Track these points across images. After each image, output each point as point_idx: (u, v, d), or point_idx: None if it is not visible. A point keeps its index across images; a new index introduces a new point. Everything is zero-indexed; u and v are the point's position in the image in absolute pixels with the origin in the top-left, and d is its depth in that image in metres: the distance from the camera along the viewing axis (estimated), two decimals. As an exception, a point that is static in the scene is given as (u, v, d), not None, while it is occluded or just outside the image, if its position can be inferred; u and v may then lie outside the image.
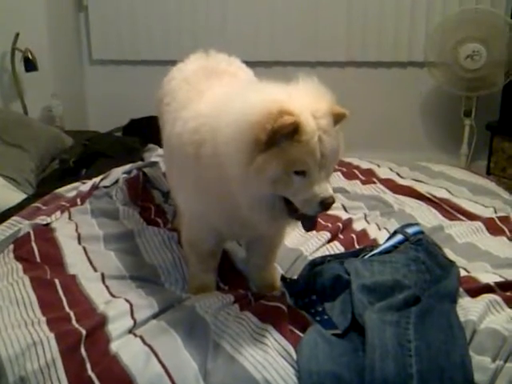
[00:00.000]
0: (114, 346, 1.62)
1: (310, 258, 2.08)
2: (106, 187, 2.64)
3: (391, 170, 2.97)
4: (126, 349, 1.61)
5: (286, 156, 1.51)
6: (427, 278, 1.81)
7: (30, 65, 3.72)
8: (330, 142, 1.57)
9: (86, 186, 2.64)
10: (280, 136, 1.50)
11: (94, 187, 2.63)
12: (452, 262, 1.92)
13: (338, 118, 1.65)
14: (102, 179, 2.69)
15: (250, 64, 2.29)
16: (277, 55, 4.48)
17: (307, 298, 1.82)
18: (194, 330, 1.67)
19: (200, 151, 1.68)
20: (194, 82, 1.98)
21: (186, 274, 2.05)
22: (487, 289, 1.82)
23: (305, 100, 1.58)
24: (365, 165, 3.04)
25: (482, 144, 4.47)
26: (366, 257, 1.95)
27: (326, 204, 1.57)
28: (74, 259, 2.09)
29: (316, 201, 1.56)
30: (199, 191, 1.78)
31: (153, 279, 2.01)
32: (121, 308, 1.77)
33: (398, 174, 2.90)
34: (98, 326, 1.69)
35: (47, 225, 2.32)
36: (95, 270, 2.03)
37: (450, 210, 2.49)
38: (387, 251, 1.97)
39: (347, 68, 4.61)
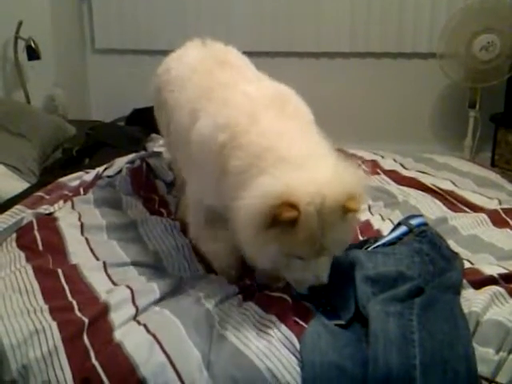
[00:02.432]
0: (117, 335, 1.62)
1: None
2: (109, 177, 2.63)
3: (395, 161, 2.96)
4: (130, 337, 1.62)
5: (285, 241, 1.57)
6: (431, 269, 1.81)
7: (33, 53, 3.72)
8: (333, 235, 1.59)
9: (89, 176, 2.64)
10: (282, 223, 1.54)
11: (97, 177, 2.63)
12: (456, 254, 1.91)
13: (349, 211, 1.60)
14: (105, 169, 2.69)
15: (252, 54, 2.28)
16: (280, 45, 4.47)
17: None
18: (197, 319, 1.68)
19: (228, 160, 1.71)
20: (205, 71, 2.00)
21: (188, 258, 2.05)
22: (491, 281, 1.81)
23: (319, 188, 1.55)
24: (369, 156, 3.03)
25: (487, 136, 4.45)
26: (370, 248, 1.94)
27: (313, 290, 1.65)
28: (77, 248, 2.09)
29: (304, 285, 1.65)
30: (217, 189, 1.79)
31: (155, 265, 2.01)
32: (122, 295, 1.77)
33: (402, 166, 2.89)
34: (100, 314, 1.69)
35: (50, 214, 2.32)
36: (97, 259, 2.03)
37: (454, 202, 2.49)
38: (391, 243, 1.96)
39: (351, 59, 4.60)
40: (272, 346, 1.57)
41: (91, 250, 2.08)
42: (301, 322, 1.65)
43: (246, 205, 1.55)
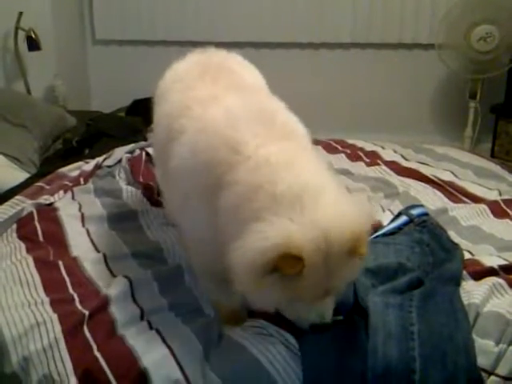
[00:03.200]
0: (118, 327, 1.62)
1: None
2: (109, 167, 2.63)
3: (395, 151, 2.95)
4: (132, 330, 1.61)
5: (288, 288, 1.40)
6: (431, 260, 1.81)
7: (33, 44, 3.71)
8: (339, 278, 1.43)
9: (89, 166, 2.64)
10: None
11: (97, 167, 2.63)
12: (456, 245, 1.90)
13: (356, 255, 1.42)
14: (104, 159, 2.69)
15: (253, 45, 2.26)
16: (281, 36, 4.44)
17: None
18: (199, 318, 1.68)
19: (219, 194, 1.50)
20: (188, 83, 1.81)
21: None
22: (491, 272, 1.80)
23: (323, 234, 1.35)
24: (369, 147, 3.02)
25: (487, 127, 4.44)
26: (370, 238, 1.93)
27: (315, 328, 1.51)
28: (77, 240, 2.08)
29: (307, 323, 1.51)
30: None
31: (156, 255, 1.99)
32: (122, 288, 1.76)
33: (403, 156, 2.88)
34: (101, 307, 1.69)
35: (50, 204, 2.31)
36: (98, 250, 2.02)
37: (454, 193, 2.47)
38: (391, 233, 1.95)
39: (352, 49, 4.58)
40: (274, 344, 1.56)
41: (91, 242, 2.07)
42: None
43: (243, 254, 1.36)
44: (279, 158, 1.47)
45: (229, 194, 1.45)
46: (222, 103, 1.63)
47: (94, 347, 1.57)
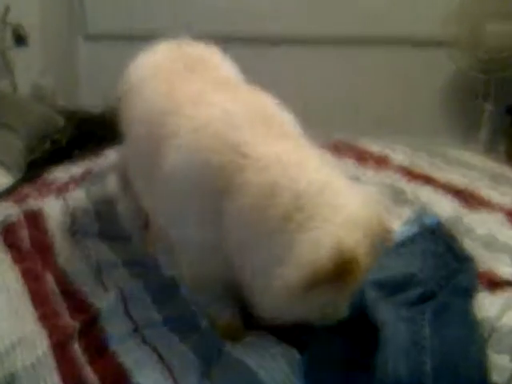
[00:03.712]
0: (109, 342, 1.63)
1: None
2: (99, 170, 2.63)
3: (406, 155, 2.94)
4: (124, 345, 1.62)
5: (335, 291, 1.41)
6: (444, 271, 1.79)
7: (21, 40, 3.71)
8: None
9: (78, 169, 2.65)
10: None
11: (88, 170, 2.63)
12: (470, 255, 1.89)
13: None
14: (95, 161, 2.70)
15: (253, 40, 2.26)
16: (285, 30, 4.46)
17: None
18: (196, 332, 1.69)
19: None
20: (168, 76, 1.79)
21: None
22: (507, 283, 1.81)
23: (362, 229, 1.39)
24: (378, 150, 3.01)
25: (502, 128, 4.44)
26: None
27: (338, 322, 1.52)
28: (66, 250, 2.09)
29: (337, 317, 1.51)
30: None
31: (148, 264, 2.00)
32: (114, 300, 1.78)
33: (414, 160, 2.88)
34: (91, 320, 1.70)
35: (39, 209, 2.31)
36: (88, 261, 2.03)
37: (468, 199, 2.47)
38: (403, 242, 1.94)
39: (362, 46, 4.58)
40: (274, 358, 1.56)
41: (81, 251, 2.08)
42: (300, 336, 1.64)
43: (293, 269, 1.33)
44: (290, 157, 1.48)
45: (242, 196, 1.45)
46: (214, 100, 1.63)
47: (85, 363, 1.58)
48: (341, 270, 1.32)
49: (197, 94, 1.67)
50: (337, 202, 1.40)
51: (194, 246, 1.63)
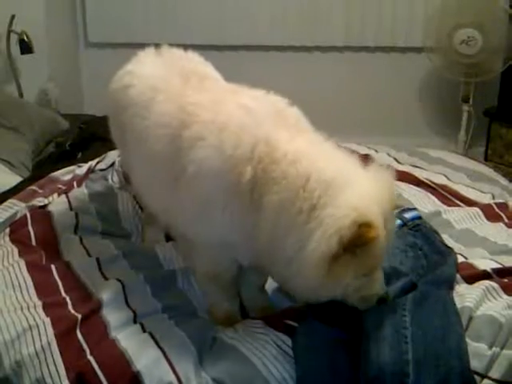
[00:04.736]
0: (111, 331, 1.63)
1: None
2: (101, 170, 2.61)
3: (389, 155, 2.95)
4: (124, 333, 1.62)
5: (360, 262, 1.47)
6: (424, 264, 1.79)
7: (26, 47, 3.69)
8: (390, 242, 1.57)
9: (81, 170, 2.63)
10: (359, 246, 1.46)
11: (90, 170, 2.61)
12: (449, 249, 1.91)
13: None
14: (97, 162, 2.67)
15: (247, 48, 2.26)
16: (274, 39, 4.44)
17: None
18: (192, 321, 1.70)
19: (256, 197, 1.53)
20: (173, 89, 1.77)
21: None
22: (484, 275, 1.82)
23: (379, 203, 1.50)
24: (362, 150, 3.01)
25: (480, 130, 4.45)
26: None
27: (379, 300, 1.57)
28: (70, 246, 2.08)
29: (373, 299, 1.55)
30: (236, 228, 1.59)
31: (149, 258, 1.99)
32: (115, 291, 1.78)
33: (396, 160, 2.88)
34: (93, 310, 1.70)
35: (44, 207, 2.29)
36: (90, 255, 2.02)
37: (447, 196, 2.49)
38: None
39: (345, 53, 4.58)
40: (266, 344, 1.57)
41: (84, 247, 2.07)
42: (291, 323, 1.65)
43: (319, 240, 1.42)
44: (314, 150, 1.55)
45: (278, 188, 1.49)
46: (228, 105, 1.64)
47: (87, 351, 1.58)
48: (361, 233, 1.40)
49: (209, 102, 1.67)
50: (354, 184, 1.49)
51: (214, 242, 1.65)
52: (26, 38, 3.67)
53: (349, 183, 1.49)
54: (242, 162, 1.52)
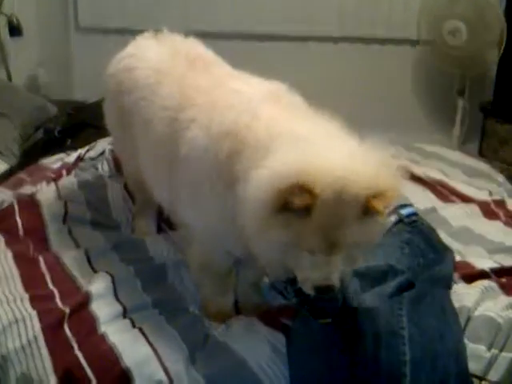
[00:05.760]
0: (99, 325, 1.59)
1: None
2: (91, 159, 2.58)
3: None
4: (113, 328, 1.59)
5: (295, 229, 1.34)
6: (421, 262, 1.77)
7: (15, 30, 3.63)
8: (348, 232, 1.35)
9: (71, 157, 2.59)
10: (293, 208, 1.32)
11: (80, 158, 2.58)
12: (447, 246, 1.88)
13: (370, 209, 1.34)
14: (87, 150, 2.64)
15: (241, 37, 2.21)
16: (267, 29, 4.39)
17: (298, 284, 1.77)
18: (184, 316, 1.66)
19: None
20: (177, 73, 1.76)
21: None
22: (482, 275, 1.80)
23: (341, 173, 1.31)
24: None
25: (475, 125, 4.43)
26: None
27: (319, 291, 1.40)
28: (58, 236, 2.04)
29: (309, 284, 1.40)
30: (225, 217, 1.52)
31: (139, 250, 1.96)
32: (104, 284, 1.74)
33: (392, 153, 2.84)
34: (82, 304, 1.66)
35: (32, 195, 2.25)
36: (79, 246, 1.99)
37: (444, 192, 2.46)
38: (381, 233, 1.93)
39: (339, 44, 4.54)
40: (260, 343, 1.54)
41: (73, 238, 2.04)
42: (286, 321, 1.62)
43: (255, 186, 1.34)
44: (298, 117, 1.52)
45: (248, 151, 1.44)
46: (224, 88, 1.63)
47: (75, 346, 1.55)
48: (295, 198, 1.28)
49: (207, 86, 1.67)
50: (335, 148, 1.39)
51: (208, 228, 1.61)
52: (15, 21, 3.62)
53: (325, 144, 1.39)
54: (223, 137, 1.49)
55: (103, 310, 1.65)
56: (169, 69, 1.80)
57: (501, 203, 2.35)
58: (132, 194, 2.26)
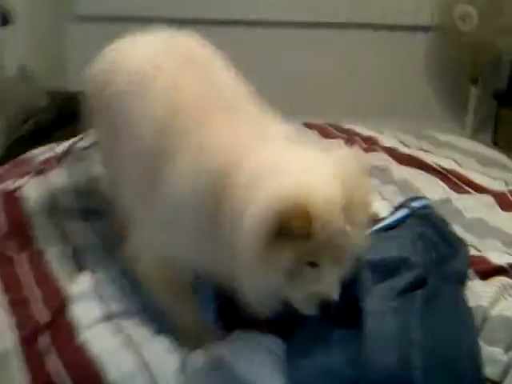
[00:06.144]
0: (82, 333, 1.49)
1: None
2: (82, 149, 2.47)
3: (395, 138, 2.81)
4: (98, 335, 1.49)
5: (299, 245, 1.31)
6: (434, 256, 1.68)
7: (6, 18, 3.55)
8: (354, 237, 1.36)
9: (61, 148, 2.51)
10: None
11: (70, 149, 2.49)
12: (461, 240, 1.78)
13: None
14: (78, 140, 2.55)
15: (247, 24, 2.11)
16: (273, 14, 4.31)
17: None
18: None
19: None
20: (171, 75, 1.63)
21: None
22: (499, 270, 1.67)
23: (333, 189, 1.33)
24: (367, 132, 2.88)
25: (489, 113, 4.34)
26: (371, 231, 1.80)
27: (324, 307, 1.37)
28: (44, 231, 1.96)
29: (314, 301, 1.37)
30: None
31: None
32: (88, 284, 1.66)
33: (403, 142, 2.75)
34: (63, 307, 1.57)
35: (18, 188, 2.17)
36: (65, 243, 1.90)
37: (457, 182, 2.35)
38: (392, 226, 1.84)
39: (349, 30, 4.45)
40: (255, 350, 1.44)
41: (60, 233, 1.95)
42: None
43: (250, 215, 1.30)
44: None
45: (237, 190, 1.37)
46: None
47: (54, 356, 1.44)
48: (292, 216, 1.27)
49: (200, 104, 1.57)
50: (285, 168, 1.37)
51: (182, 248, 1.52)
52: (6, 9, 3.54)
53: (309, 166, 1.38)
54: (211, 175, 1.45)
55: (86, 313, 1.55)
56: (162, 66, 1.66)
57: (517, 194, 2.23)
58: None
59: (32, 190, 2.16)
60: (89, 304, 1.58)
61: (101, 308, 1.57)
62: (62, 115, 2.95)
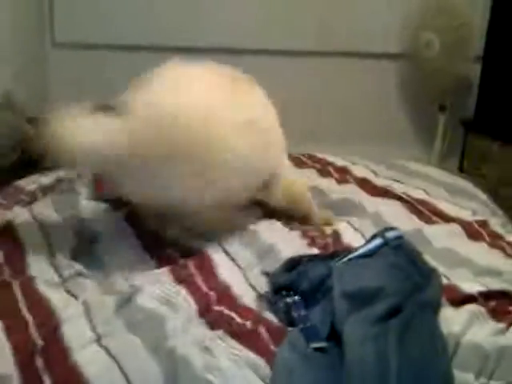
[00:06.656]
0: (73, 356, 1.53)
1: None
2: (69, 180, 2.53)
3: (367, 167, 2.90)
4: (85, 357, 1.53)
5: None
6: (407, 285, 1.74)
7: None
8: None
9: (47, 178, 2.55)
10: None
11: (57, 179, 2.54)
12: (433, 269, 1.85)
13: None
14: (65, 171, 2.58)
15: (216, 51, 2.19)
16: (243, 42, 4.37)
17: (290, 298, 1.75)
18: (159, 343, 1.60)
19: None
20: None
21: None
22: (470, 299, 1.76)
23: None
24: (339, 161, 2.96)
25: (456, 140, 4.44)
26: (344, 260, 1.88)
27: None
28: (35, 260, 2.00)
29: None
30: None
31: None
32: (77, 309, 1.71)
33: (374, 172, 2.83)
34: (55, 333, 1.61)
35: (8, 221, 2.20)
36: (56, 271, 1.95)
37: (425, 212, 2.42)
38: (366, 255, 1.90)
39: (317, 58, 4.51)
40: (241, 371, 1.48)
41: (51, 262, 2.00)
42: (272, 348, 1.58)
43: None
44: None
45: None
46: None
47: (47, 380, 1.47)
48: None
49: None
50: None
51: None
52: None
53: None
54: None
55: (75, 336, 1.59)
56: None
57: (484, 224, 2.32)
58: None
59: (21, 220, 2.21)
60: (79, 327, 1.63)
61: (90, 330, 1.62)
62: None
